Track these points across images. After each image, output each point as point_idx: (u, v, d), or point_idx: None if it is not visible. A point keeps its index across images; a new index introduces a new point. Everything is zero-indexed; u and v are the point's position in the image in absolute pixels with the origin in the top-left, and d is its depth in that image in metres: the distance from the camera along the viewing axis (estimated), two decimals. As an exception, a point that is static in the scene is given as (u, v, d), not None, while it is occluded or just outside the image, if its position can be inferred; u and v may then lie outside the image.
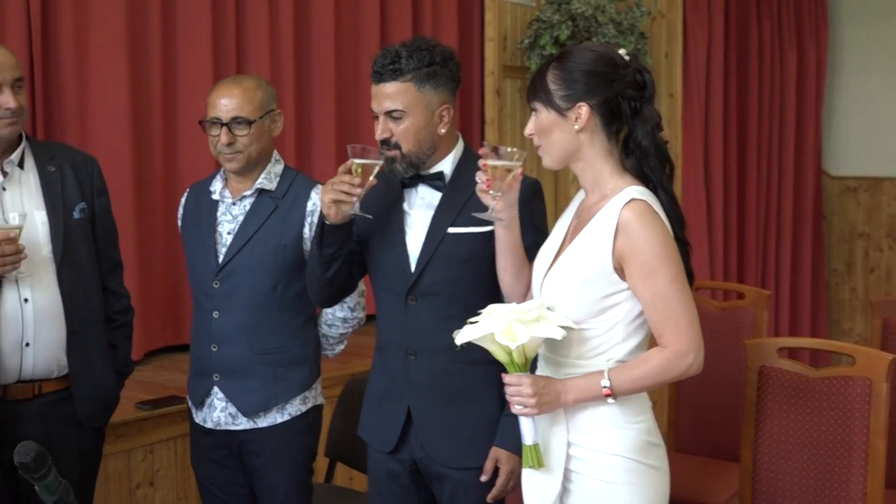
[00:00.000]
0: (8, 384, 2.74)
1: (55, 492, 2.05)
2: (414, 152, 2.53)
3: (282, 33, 4.56)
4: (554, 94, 2.22)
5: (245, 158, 2.86)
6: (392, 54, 2.52)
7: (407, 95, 2.51)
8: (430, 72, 2.52)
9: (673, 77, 5.82)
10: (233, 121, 2.83)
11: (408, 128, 2.52)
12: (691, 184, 5.94)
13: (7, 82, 2.72)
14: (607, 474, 2.20)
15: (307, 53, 4.70)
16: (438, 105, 2.55)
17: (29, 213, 2.77)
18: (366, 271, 2.74)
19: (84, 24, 3.93)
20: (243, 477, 2.95)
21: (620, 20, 5.30)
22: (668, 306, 2.15)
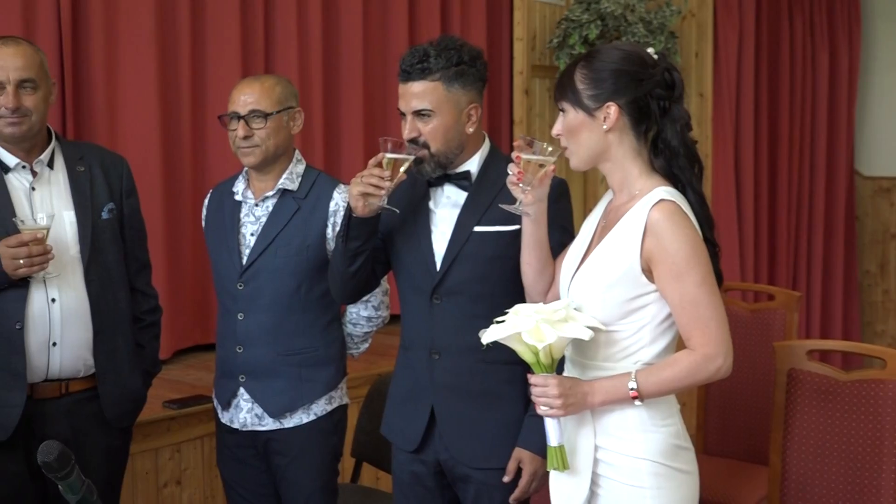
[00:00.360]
0: (35, 383, 2.75)
1: (78, 491, 2.05)
2: (442, 152, 2.53)
3: (310, 33, 4.57)
4: (582, 94, 2.20)
5: (262, 153, 2.86)
6: (420, 53, 2.51)
7: (435, 95, 2.50)
8: (458, 71, 2.51)
9: (703, 77, 5.78)
10: (250, 114, 2.83)
11: (436, 127, 2.51)
12: (721, 184, 5.89)
13: (11, 82, 2.72)
14: (635, 479, 2.18)
15: (335, 53, 4.70)
16: (466, 104, 2.54)
17: (57, 214, 2.79)
18: (389, 269, 2.73)
19: (114, 24, 3.95)
20: (268, 477, 2.95)
21: (650, 19, 5.27)
22: (697, 309, 2.12)
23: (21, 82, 2.73)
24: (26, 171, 2.80)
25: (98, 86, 3.93)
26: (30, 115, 2.75)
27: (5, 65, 2.72)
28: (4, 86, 2.71)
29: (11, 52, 2.75)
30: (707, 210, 2.24)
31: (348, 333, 3.03)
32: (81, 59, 3.91)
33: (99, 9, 3.90)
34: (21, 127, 2.75)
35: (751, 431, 3.74)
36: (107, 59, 3.94)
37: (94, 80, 3.92)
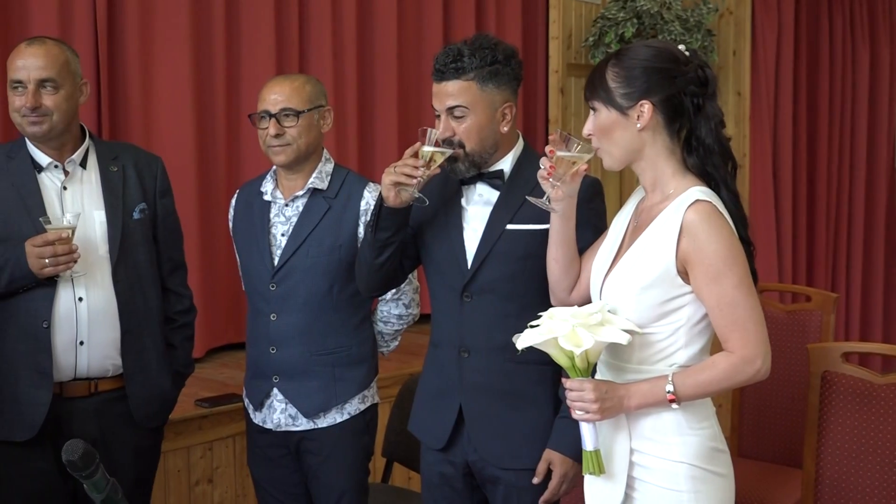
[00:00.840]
0: (64, 382, 2.77)
1: (103, 490, 2.05)
2: (477, 151, 2.51)
3: (344, 33, 4.57)
4: (614, 93, 2.17)
5: (294, 151, 2.85)
6: (454, 52, 2.50)
7: (469, 94, 2.48)
8: (492, 70, 2.49)
9: (741, 75, 5.73)
10: (281, 112, 2.83)
11: (470, 126, 2.49)
12: (759, 183, 5.84)
13: (31, 81, 2.74)
14: (672, 482, 2.15)
15: (370, 53, 4.70)
16: (501, 103, 2.52)
17: (87, 213, 2.80)
18: (416, 264, 2.72)
19: (149, 26, 3.97)
20: (299, 476, 2.95)
21: (687, 17, 5.24)
22: (735, 311, 2.09)
23: (41, 82, 2.75)
24: (58, 170, 2.82)
25: (133, 86, 3.95)
26: (50, 115, 2.76)
27: (26, 65, 2.75)
28: (25, 85, 2.74)
29: (33, 53, 2.77)
30: (741, 209, 2.20)
31: (379, 331, 3.02)
32: (117, 59, 3.93)
33: (134, 9, 3.92)
34: (42, 126, 2.76)
35: (786, 434, 3.71)
36: (142, 60, 3.96)
37: (130, 80, 3.95)
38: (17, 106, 2.75)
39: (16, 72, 2.74)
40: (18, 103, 2.74)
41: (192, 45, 4.05)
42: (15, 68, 2.75)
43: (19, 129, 2.79)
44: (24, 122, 2.75)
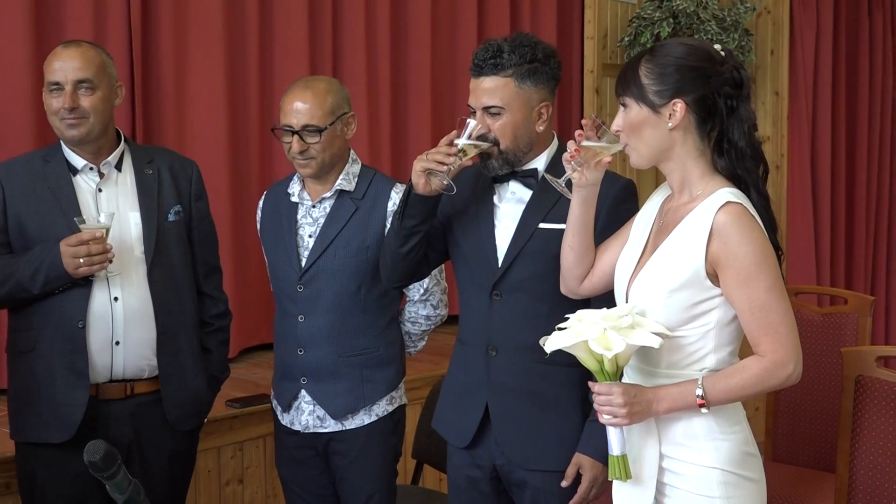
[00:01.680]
0: (100, 383, 2.78)
1: (125, 491, 2.07)
2: (511, 149, 2.50)
3: (378, 34, 4.58)
4: (647, 89, 2.14)
5: (319, 164, 2.86)
6: (494, 48, 2.48)
7: (506, 91, 2.47)
8: (531, 68, 2.47)
9: (779, 75, 5.68)
10: (304, 129, 2.82)
11: (506, 124, 2.48)
12: (797, 184, 5.78)
13: (68, 82, 2.76)
14: (704, 488, 2.13)
15: (403, 54, 4.72)
16: (538, 102, 2.50)
17: (123, 214, 2.82)
18: (443, 259, 2.72)
19: (183, 30, 4.01)
20: (327, 477, 2.96)
21: (723, 16, 5.21)
22: (767, 314, 2.07)
23: (78, 83, 2.77)
24: (93, 172, 2.84)
25: (167, 90, 3.99)
26: (88, 117, 2.78)
27: (63, 66, 2.76)
28: (63, 87, 2.75)
29: (69, 54, 2.79)
30: (771, 213, 2.17)
31: (406, 332, 3.02)
32: (151, 63, 3.97)
33: (168, 14, 3.96)
34: (80, 129, 2.78)
35: (821, 439, 3.68)
36: (176, 64, 4.00)
37: (163, 84, 3.98)
38: (55, 108, 2.76)
39: (53, 73, 2.76)
40: (56, 105, 2.76)
41: (225, 48, 4.08)
42: (52, 70, 2.76)
43: (57, 132, 2.80)
44: (63, 124, 2.77)
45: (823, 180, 5.95)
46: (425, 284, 2.94)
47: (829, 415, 3.61)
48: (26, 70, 3.59)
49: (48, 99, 2.78)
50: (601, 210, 2.44)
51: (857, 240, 6.25)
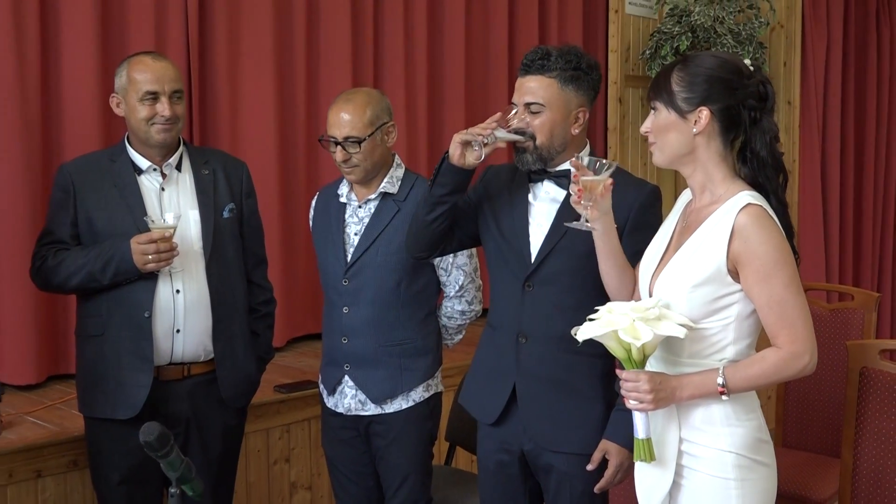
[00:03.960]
0: (161, 366, 2.82)
1: (178, 468, 2.10)
2: (546, 146, 2.50)
3: (415, 48, 4.59)
4: (676, 96, 2.16)
5: (362, 171, 2.87)
6: (543, 51, 2.51)
7: (550, 91, 2.49)
8: (574, 74, 2.49)
9: (791, 85, 5.65)
10: (346, 140, 2.83)
11: (544, 122, 2.49)
12: (808, 188, 5.75)
13: (165, 92, 2.80)
14: (719, 470, 2.13)
15: (439, 66, 4.72)
16: (576, 107, 2.52)
17: (183, 212, 2.85)
18: (470, 244, 2.72)
19: (236, 42, 4.03)
20: (368, 457, 2.98)
21: (739, 30, 5.18)
22: (784, 309, 2.07)
23: (173, 93, 2.81)
24: (157, 173, 2.88)
25: (221, 97, 4.01)
26: (178, 123, 2.84)
27: (160, 77, 2.79)
28: (159, 96, 2.78)
29: (164, 66, 2.83)
30: (789, 219, 2.18)
31: (443, 325, 3.03)
32: (207, 72, 3.99)
33: (223, 28, 3.98)
34: (171, 133, 2.83)
35: (828, 426, 3.66)
36: (229, 73, 4.02)
37: (218, 91, 4.00)
38: (148, 115, 2.78)
39: (150, 84, 2.78)
40: (149, 112, 2.78)
41: (274, 59, 4.10)
42: (147, 80, 2.78)
43: (143, 135, 2.82)
44: (154, 129, 2.80)
45: (833, 184, 5.91)
46: (461, 281, 2.96)
47: (835, 404, 3.60)
48: (94, 78, 3.62)
49: (140, 107, 2.79)
50: (630, 213, 2.46)
51: (865, 240, 6.20)
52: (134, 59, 2.85)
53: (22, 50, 3.46)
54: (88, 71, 3.61)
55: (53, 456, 3.11)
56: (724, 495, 2.12)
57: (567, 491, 2.54)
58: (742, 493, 2.12)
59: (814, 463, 3.61)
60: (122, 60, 2.90)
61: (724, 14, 5.17)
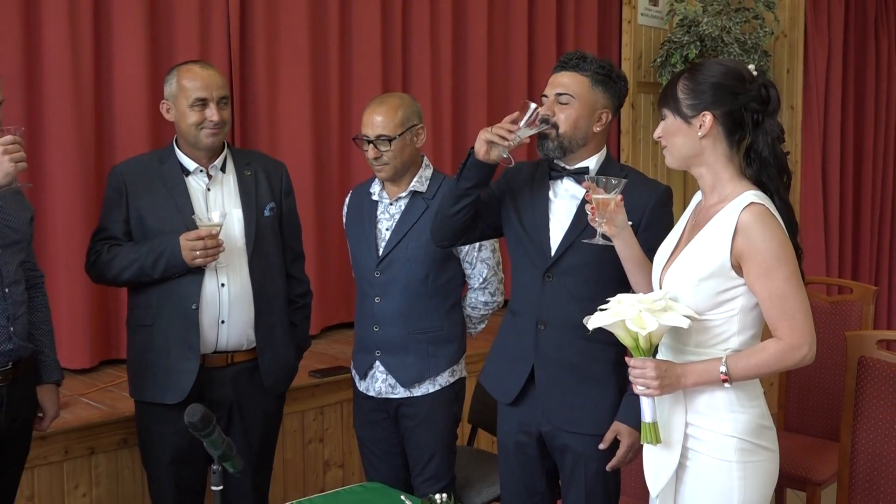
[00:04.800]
0: (207, 354, 2.85)
1: (219, 447, 2.12)
2: (569, 136, 2.52)
3: (441, 56, 4.59)
4: (682, 103, 2.16)
5: (392, 169, 2.88)
6: (581, 53, 2.56)
7: (581, 87, 2.52)
8: (605, 79, 2.53)
9: (794, 91, 5.62)
10: (378, 138, 2.84)
11: (571, 113, 2.51)
12: (810, 188, 5.71)
13: (214, 99, 2.81)
14: (723, 453, 2.13)
15: (463, 73, 4.71)
16: (601, 107, 2.54)
17: (227, 212, 2.86)
18: (493, 234, 2.72)
19: (274, 50, 4.04)
20: (397, 437, 2.99)
21: (745, 40, 5.16)
22: (785, 302, 2.07)
23: (220, 99, 2.82)
24: (203, 174, 2.89)
25: (261, 102, 4.02)
26: (224, 127, 2.85)
27: (209, 84, 2.81)
28: (208, 102, 2.80)
29: (211, 73, 2.84)
30: (792, 216, 2.17)
31: (467, 315, 3.04)
32: (247, 79, 4.00)
33: (262, 37, 3.99)
34: (219, 137, 2.85)
35: (828, 412, 3.65)
36: (268, 80, 4.03)
37: (258, 97, 4.01)
38: (198, 120, 2.80)
39: (199, 91, 2.79)
40: (199, 118, 2.80)
41: (310, 67, 4.10)
42: (196, 88, 2.79)
43: (193, 139, 2.84)
44: (203, 133, 2.81)
45: (833, 184, 5.87)
46: (485, 274, 2.96)
47: (834, 391, 3.58)
48: (143, 85, 3.64)
49: (189, 112, 2.80)
50: (644, 212, 2.47)
51: (863, 237, 6.16)
52: (183, 68, 2.86)
53: (77, 59, 3.49)
54: (138, 78, 3.64)
55: (105, 434, 3.15)
56: (727, 477, 2.12)
57: (582, 470, 2.56)
58: (744, 475, 2.12)
59: (814, 446, 3.60)
60: (170, 69, 2.92)
61: (731, 24, 5.14)
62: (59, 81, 3.46)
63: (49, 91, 3.45)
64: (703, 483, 2.15)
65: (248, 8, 3.96)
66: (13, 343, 2.49)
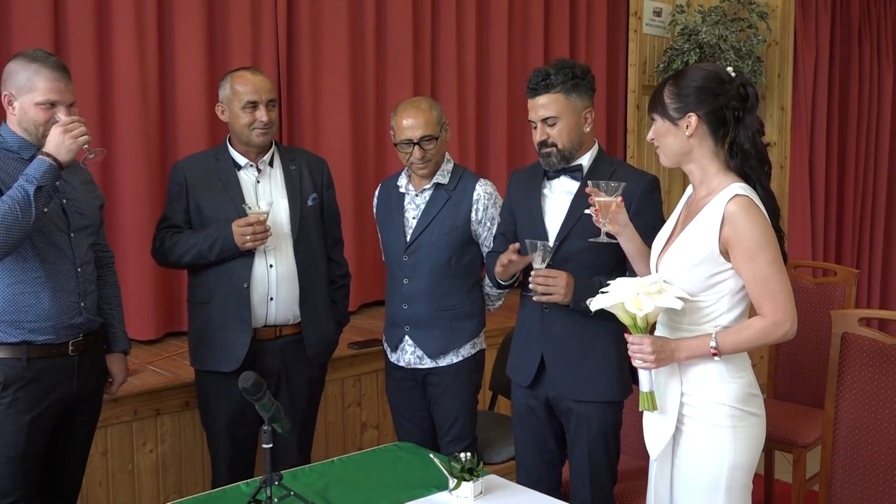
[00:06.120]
0: (258, 328, 2.86)
1: (269, 410, 2.13)
2: (568, 147, 2.51)
3: (466, 62, 4.57)
4: (668, 107, 2.14)
5: (434, 165, 2.88)
6: (543, 73, 2.50)
7: (558, 104, 2.49)
8: (574, 83, 2.49)
9: (784, 93, 5.54)
10: (422, 139, 2.82)
11: (561, 129, 2.50)
12: (797, 181, 5.64)
13: (263, 102, 2.82)
14: (715, 419, 2.12)
15: (485, 77, 4.69)
16: (583, 108, 2.52)
17: (275, 201, 2.87)
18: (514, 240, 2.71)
19: (318, 58, 4.03)
20: (424, 402, 2.99)
21: (740, 47, 5.10)
22: (768, 284, 2.05)
23: (269, 102, 2.83)
24: (252, 168, 2.90)
25: (306, 105, 4.02)
26: (272, 127, 2.86)
27: (259, 88, 2.82)
28: (258, 105, 2.81)
29: (261, 79, 2.85)
30: (774, 202, 2.14)
31: (486, 294, 3.03)
32: (294, 84, 4.00)
33: (307, 46, 3.99)
34: (268, 136, 2.86)
35: (813, 382, 3.62)
36: (312, 84, 4.02)
37: (303, 100, 4.01)
38: (249, 121, 2.80)
39: (250, 95, 2.80)
40: (250, 119, 2.80)
41: (349, 73, 4.10)
42: (248, 92, 2.80)
43: (245, 138, 2.85)
44: (254, 133, 2.82)
45: (818, 177, 5.79)
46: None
47: (819, 363, 3.56)
48: (202, 89, 3.65)
49: (243, 114, 2.80)
50: (633, 200, 2.45)
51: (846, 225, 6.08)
52: (236, 74, 2.87)
53: (143, 67, 3.52)
54: (197, 83, 3.66)
55: (169, 398, 3.18)
56: (719, 440, 2.12)
57: (584, 431, 2.57)
58: (734, 437, 2.11)
59: (800, 413, 3.57)
60: (224, 75, 2.93)
61: (728, 33, 5.08)
62: (128, 87, 3.48)
63: (119, 96, 3.48)
64: (697, 446, 2.15)
65: (294, 20, 3.96)
66: (83, 317, 2.52)
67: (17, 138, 2.45)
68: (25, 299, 2.41)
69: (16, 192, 2.29)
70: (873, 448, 2.65)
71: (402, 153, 2.87)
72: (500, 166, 4.63)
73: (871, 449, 2.66)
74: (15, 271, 2.40)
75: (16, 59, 2.45)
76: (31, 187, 2.28)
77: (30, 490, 2.45)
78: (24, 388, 2.41)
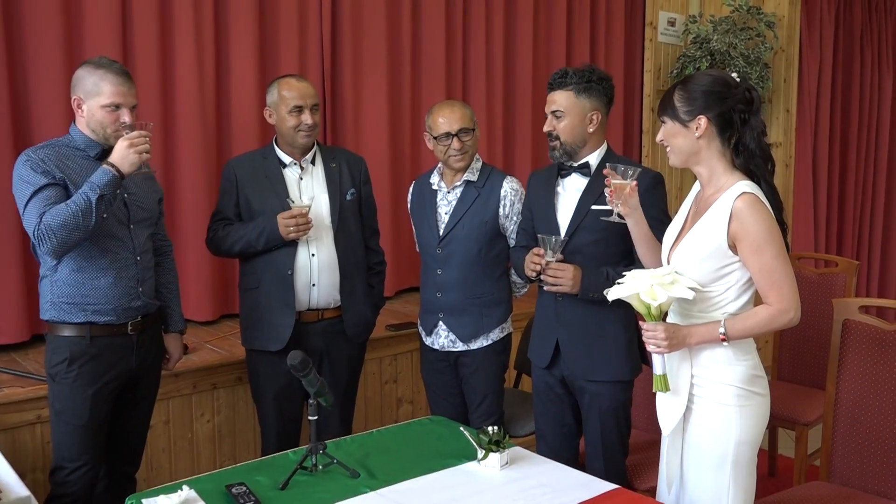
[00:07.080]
0: (301, 311, 2.87)
1: (315, 385, 2.14)
2: (568, 143, 2.52)
3: (494, 66, 4.55)
4: (679, 110, 2.11)
5: (469, 157, 2.87)
6: (562, 72, 2.54)
7: (568, 101, 2.50)
8: (587, 86, 2.49)
9: (790, 97, 5.43)
10: (460, 131, 2.81)
11: (566, 125, 2.51)
12: (802, 178, 5.54)
13: (308, 106, 2.82)
14: (722, 399, 2.10)
15: (512, 79, 4.67)
16: (590, 110, 2.51)
17: (316, 196, 2.88)
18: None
19: (359, 67, 4.03)
20: (456, 381, 2.99)
21: (748, 54, 5.01)
22: (773, 275, 2.02)
23: (313, 106, 2.83)
24: (296, 166, 2.91)
25: (348, 107, 4.02)
26: (315, 129, 2.87)
27: (304, 94, 2.82)
28: (303, 109, 2.81)
29: (305, 85, 2.85)
30: (777, 198, 2.11)
31: (513, 282, 3.01)
32: (337, 89, 4.00)
33: (349, 55, 3.98)
34: (311, 138, 2.86)
35: (815, 365, 3.57)
36: (354, 90, 4.02)
37: (345, 103, 4.01)
38: (294, 124, 2.81)
39: (296, 100, 2.80)
40: (296, 122, 2.80)
41: (387, 79, 4.09)
42: (294, 97, 2.80)
43: (290, 139, 2.85)
44: (299, 135, 2.82)
45: (821, 175, 5.69)
46: None
47: (822, 348, 3.50)
48: (254, 94, 3.66)
49: (288, 117, 2.81)
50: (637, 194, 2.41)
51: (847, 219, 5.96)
52: (282, 80, 2.87)
53: (202, 74, 3.53)
54: (249, 88, 3.67)
55: (224, 373, 3.20)
56: (726, 418, 2.10)
57: (597, 407, 2.58)
58: (741, 415, 2.09)
59: (803, 393, 3.52)
60: (271, 81, 2.93)
61: (737, 41, 5.00)
62: (188, 92, 3.50)
63: (180, 100, 3.50)
64: (706, 423, 2.13)
65: (337, 30, 3.95)
66: (141, 301, 2.54)
67: (85, 138, 2.47)
68: (89, 284, 2.44)
69: (80, 198, 2.31)
70: (871, 426, 2.61)
71: (439, 148, 2.86)
72: (525, 164, 4.60)
73: (868, 427, 2.62)
74: (80, 259, 2.43)
75: (83, 66, 2.47)
76: (94, 195, 2.30)
77: (95, 456, 2.49)
78: (88, 364, 2.45)
